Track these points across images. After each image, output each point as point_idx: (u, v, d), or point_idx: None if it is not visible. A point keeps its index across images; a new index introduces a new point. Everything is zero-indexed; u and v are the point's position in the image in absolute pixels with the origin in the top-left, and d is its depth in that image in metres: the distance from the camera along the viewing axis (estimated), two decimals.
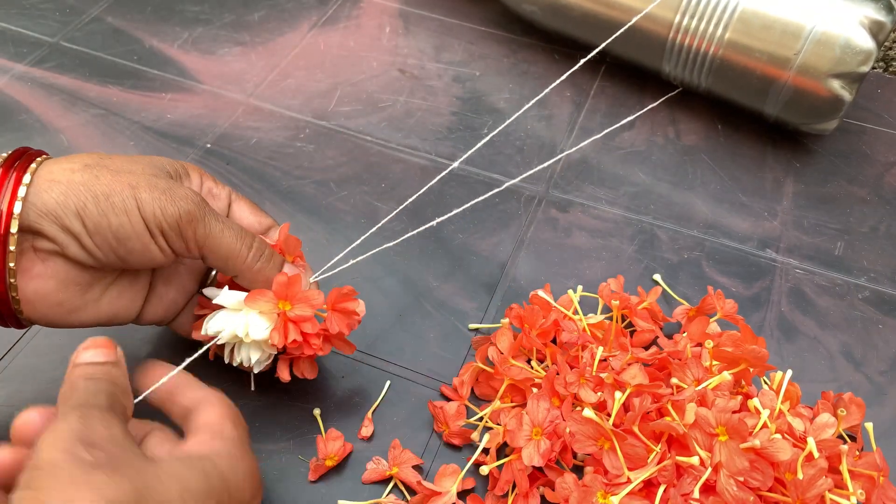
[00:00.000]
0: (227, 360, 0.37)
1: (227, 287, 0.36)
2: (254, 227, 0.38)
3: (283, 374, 0.37)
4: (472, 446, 0.39)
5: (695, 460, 0.34)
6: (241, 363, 0.36)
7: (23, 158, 0.32)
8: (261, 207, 0.39)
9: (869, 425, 0.38)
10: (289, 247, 0.38)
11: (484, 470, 0.36)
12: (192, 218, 0.33)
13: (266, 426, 0.39)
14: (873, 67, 0.64)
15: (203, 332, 0.36)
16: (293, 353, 0.36)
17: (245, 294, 0.35)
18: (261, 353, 0.36)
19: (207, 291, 0.37)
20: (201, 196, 0.34)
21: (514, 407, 0.39)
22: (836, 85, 0.49)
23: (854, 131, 0.58)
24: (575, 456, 0.37)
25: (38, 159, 0.32)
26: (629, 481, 0.34)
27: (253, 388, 0.40)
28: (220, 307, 0.36)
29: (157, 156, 0.36)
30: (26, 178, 0.31)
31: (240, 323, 0.35)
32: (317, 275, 0.39)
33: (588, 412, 0.34)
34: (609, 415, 0.36)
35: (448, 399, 0.41)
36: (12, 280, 0.31)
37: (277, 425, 0.39)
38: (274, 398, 0.40)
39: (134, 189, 0.32)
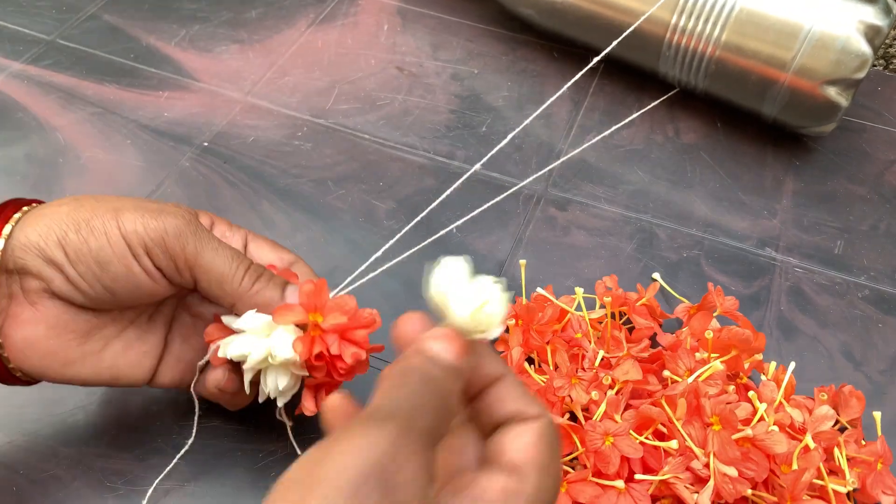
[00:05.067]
0: (248, 391, 0.34)
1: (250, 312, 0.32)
2: (275, 265, 0.35)
3: (309, 405, 0.33)
4: None
5: (673, 444, 0.34)
6: (269, 394, 0.33)
7: (14, 204, 0.31)
8: (275, 240, 0.37)
9: (877, 414, 0.38)
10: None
11: None
12: (179, 233, 0.31)
13: (266, 426, 0.39)
14: (873, 65, 0.64)
15: (221, 355, 0.32)
16: (319, 377, 0.32)
17: (269, 317, 0.31)
18: (288, 378, 0.32)
19: (226, 319, 0.33)
20: (193, 214, 0.32)
21: None
22: (832, 91, 0.49)
23: (854, 129, 0.58)
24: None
25: (34, 205, 0.31)
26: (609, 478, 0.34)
27: (286, 420, 0.36)
28: (232, 332, 0.33)
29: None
30: (16, 216, 0.30)
31: (264, 344, 0.31)
32: (335, 291, 0.36)
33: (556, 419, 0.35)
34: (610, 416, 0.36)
35: None
36: None
37: (277, 425, 0.39)
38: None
39: (116, 212, 0.30)
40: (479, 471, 0.23)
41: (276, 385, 0.32)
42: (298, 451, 0.37)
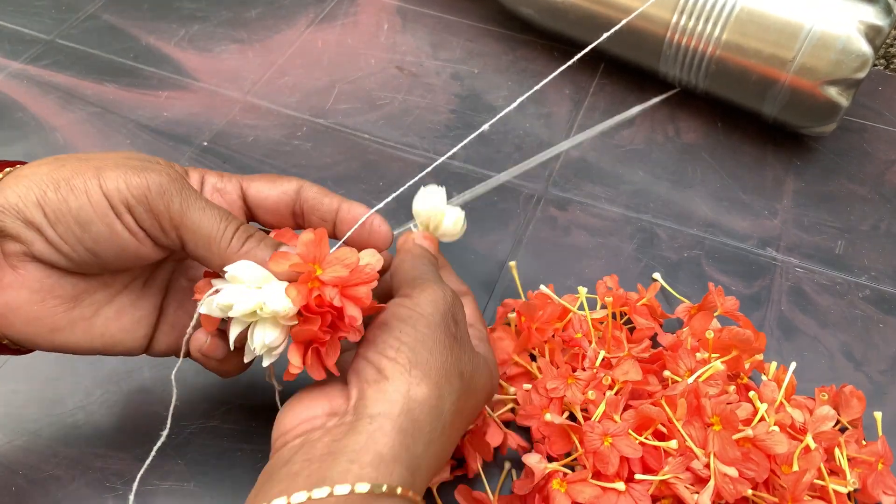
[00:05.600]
0: (232, 346, 0.31)
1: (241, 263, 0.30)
2: (275, 198, 0.34)
3: (296, 361, 0.30)
4: None
5: (673, 444, 0.34)
6: (256, 350, 0.30)
7: None
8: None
9: (878, 414, 0.38)
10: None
11: None
12: (163, 191, 0.29)
13: (266, 426, 0.39)
14: (874, 65, 0.64)
15: (206, 309, 0.30)
16: (312, 330, 0.30)
17: (263, 271, 0.30)
18: (277, 332, 0.30)
19: (217, 282, 0.31)
20: (179, 173, 0.30)
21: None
22: (833, 91, 0.49)
23: (855, 129, 0.58)
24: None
25: (17, 167, 0.30)
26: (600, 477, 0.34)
27: (275, 383, 0.35)
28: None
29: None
30: None
31: (254, 296, 0.29)
32: (336, 247, 0.34)
33: (549, 416, 0.35)
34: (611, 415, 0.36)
35: None
36: None
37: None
38: (273, 398, 0.40)
39: (98, 170, 0.29)
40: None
41: (264, 340, 0.30)
42: None
